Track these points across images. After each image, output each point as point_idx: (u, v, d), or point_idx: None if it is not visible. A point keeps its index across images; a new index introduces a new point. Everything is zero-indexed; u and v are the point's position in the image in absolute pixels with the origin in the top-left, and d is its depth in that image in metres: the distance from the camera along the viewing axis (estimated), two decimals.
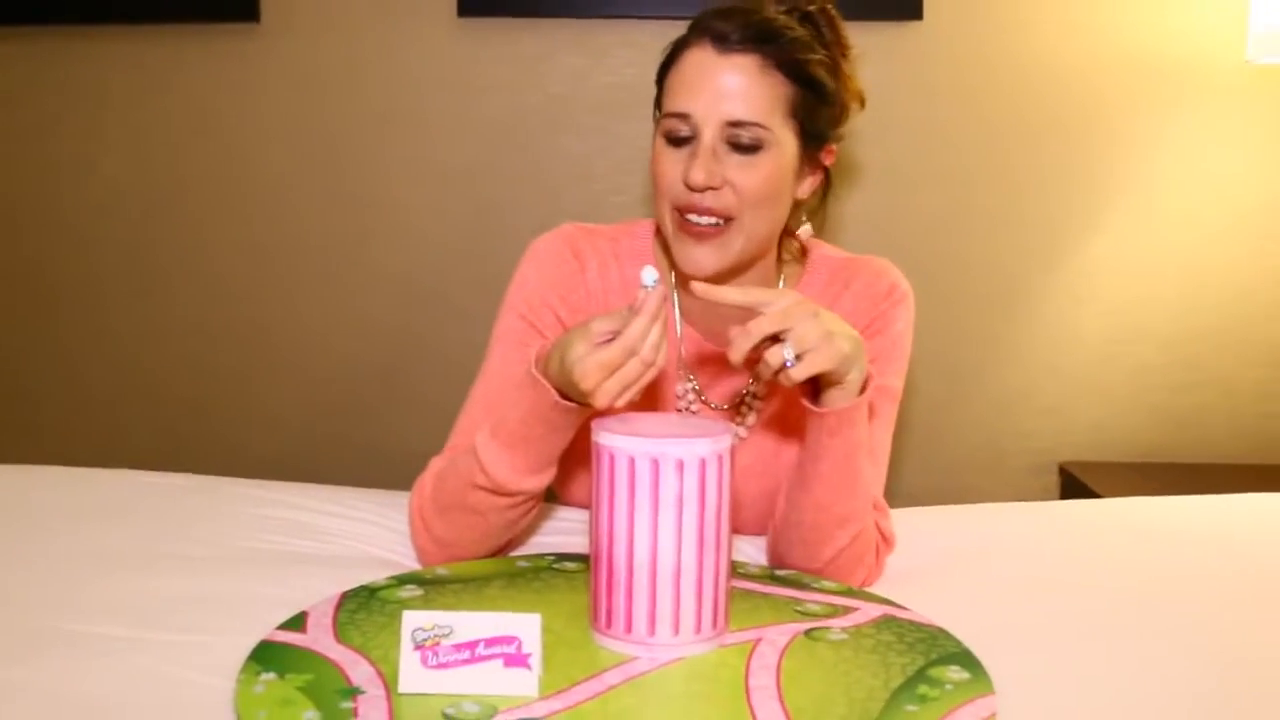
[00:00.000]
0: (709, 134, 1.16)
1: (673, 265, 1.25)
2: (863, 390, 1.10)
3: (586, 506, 1.16)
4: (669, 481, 0.92)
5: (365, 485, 1.52)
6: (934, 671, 0.92)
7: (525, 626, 0.87)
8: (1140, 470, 1.99)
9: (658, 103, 1.23)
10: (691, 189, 1.16)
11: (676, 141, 1.18)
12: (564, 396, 1.06)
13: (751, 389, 1.30)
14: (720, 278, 1.22)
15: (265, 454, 2.11)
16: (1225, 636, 1.05)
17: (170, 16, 2.01)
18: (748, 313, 1.21)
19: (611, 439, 0.94)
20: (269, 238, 2.09)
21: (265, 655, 0.90)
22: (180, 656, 0.94)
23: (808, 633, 0.99)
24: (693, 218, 1.18)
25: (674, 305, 1.31)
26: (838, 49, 1.24)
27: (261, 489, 1.40)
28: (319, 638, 0.94)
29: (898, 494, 1.47)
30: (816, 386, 1.11)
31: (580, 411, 1.08)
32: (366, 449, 2.09)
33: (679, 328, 1.31)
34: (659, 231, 1.29)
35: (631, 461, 0.92)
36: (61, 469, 1.45)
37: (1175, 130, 1.99)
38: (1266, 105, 1.97)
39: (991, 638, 1.00)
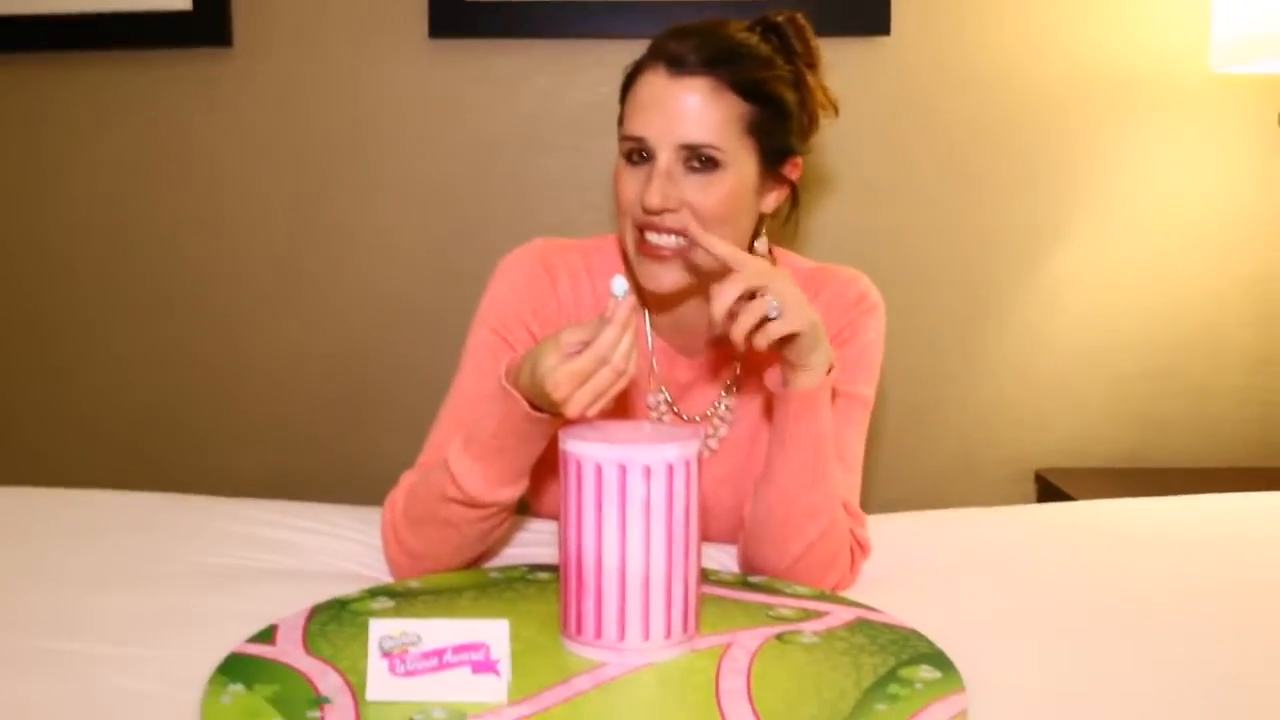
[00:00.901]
0: (664, 157, 1.16)
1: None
2: (827, 375, 1.12)
3: (559, 518, 1.16)
4: (636, 487, 0.92)
5: (348, 502, 1.51)
6: (905, 671, 0.92)
7: (493, 632, 0.87)
8: (1117, 476, 2.00)
9: (620, 120, 1.24)
10: (647, 211, 1.17)
11: (636, 161, 1.19)
12: (535, 408, 1.07)
13: (724, 401, 1.31)
14: (681, 295, 1.23)
15: (246, 473, 2.10)
16: (1197, 637, 1.06)
17: (142, 42, 2.01)
18: (707, 333, 1.22)
19: (578, 445, 0.94)
20: (246, 259, 2.08)
21: (233, 667, 0.90)
22: (147, 670, 0.94)
23: (779, 636, 0.99)
24: (651, 237, 1.19)
25: (645, 318, 1.32)
26: (804, 60, 1.26)
27: (234, 506, 1.39)
28: (288, 649, 0.94)
29: (874, 504, 1.46)
30: (781, 372, 1.13)
31: (551, 422, 1.08)
32: (346, 466, 2.09)
33: (650, 340, 1.31)
34: None
35: (598, 468, 0.93)
36: (31, 489, 1.44)
37: (1141, 140, 2.01)
38: (1231, 114, 1.99)
39: (965, 639, 1.00)
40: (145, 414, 2.13)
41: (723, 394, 1.31)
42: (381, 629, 0.86)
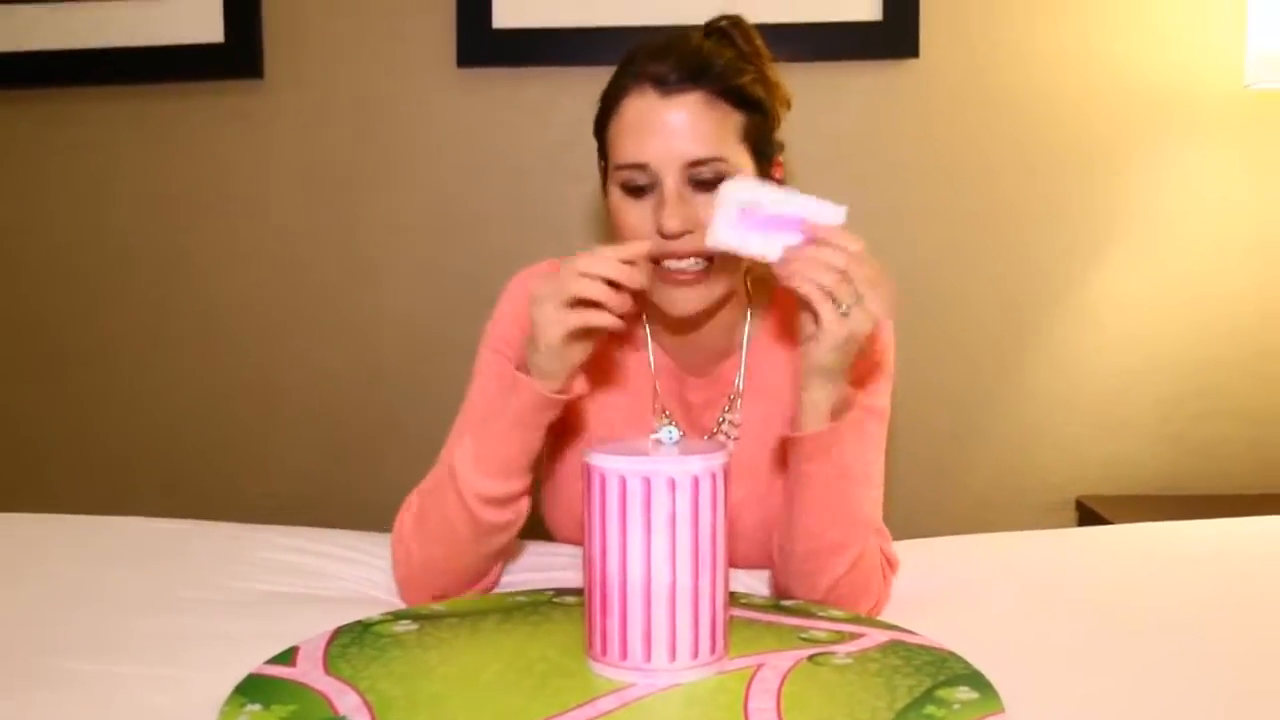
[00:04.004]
0: (671, 179, 1.13)
1: (645, 303, 1.25)
2: (841, 416, 1.08)
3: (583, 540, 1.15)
4: (661, 501, 0.90)
5: (376, 528, 1.50)
6: (941, 692, 0.89)
7: (832, 216, 1.04)
8: (1159, 503, 1.95)
9: (602, 154, 1.21)
10: (668, 237, 1.14)
11: (635, 191, 1.16)
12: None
13: (727, 415, 1.28)
14: (700, 317, 1.22)
15: (275, 498, 2.10)
16: (1238, 660, 1.02)
17: (176, 75, 2.04)
18: (717, 352, 1.22)
19: (602, 459, 0.92)
20: (276, 290, 2.10)
21: (251, 687, 0.88)
22: (168, 690, 0.93)
23: (811, 658, 0.96)
24: (672, 264, 1.16)
25: (648, 341, 1.30)
26: (759, 59, 1.23)
27: (260, 532, 1.39)
28: (308, 670, 0.92)
29: (913, 530, 1.44)
30: (792, 411, 1.11)
31: (553, 404, 1.10)
32: (374, 494, 2.07)
33: (651, 362, 1.30)
34: None
35: (623, 481, 0.91)
36: (62, 516, 1.45)
37: (1176, 158, 1.98)
38: (1267, 130, 1.96)
39: (1003, 661, 0.97)
40: (176, 440, 2.14)
41: (725, 409, 1.29)
42: (736, 187, 1.06)
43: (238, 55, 2.02)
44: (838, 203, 1.04)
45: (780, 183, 1.24)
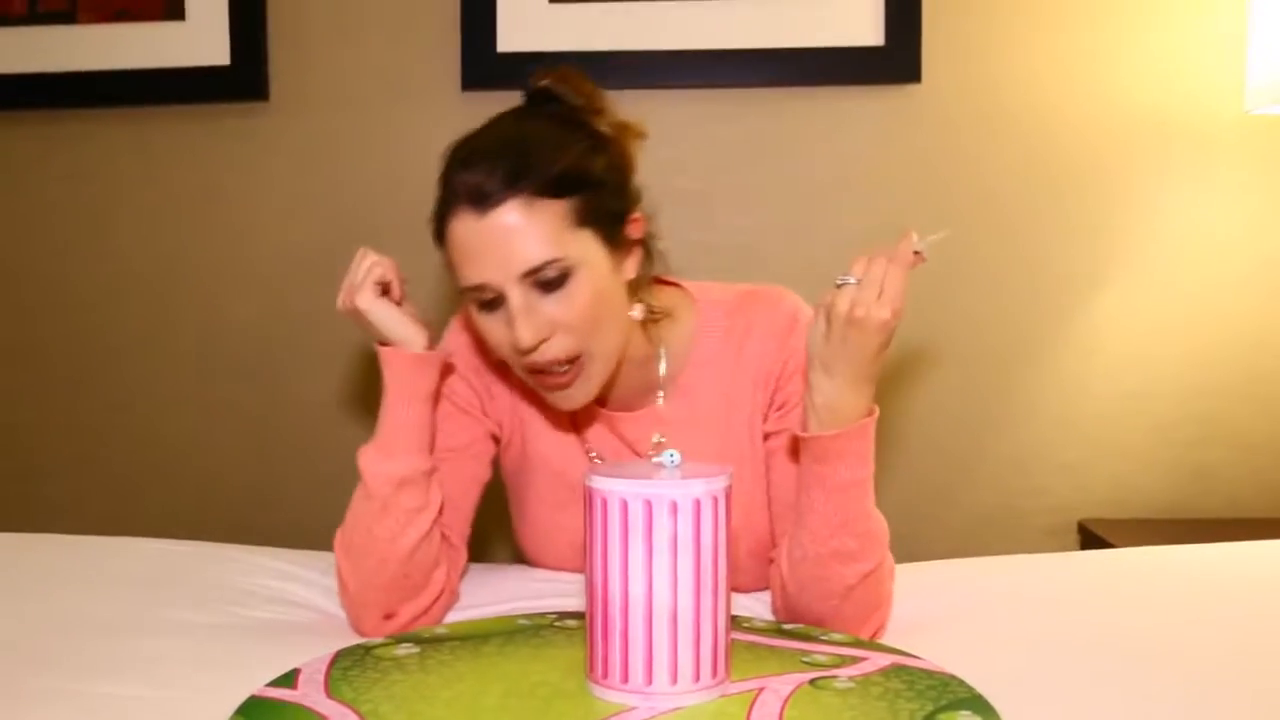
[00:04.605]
0: (514, 294, 1.11)
1: None
2: (855, 424, 1.09)
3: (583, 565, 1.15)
4: (663, 524, 0.90)
5: None
6: (944, 716, 0.89)
7: None
8: (1162, 526, 1.95)
9: (450, 269, 1.18)
10: (524, 352, 1.13)
11: (487, 305, 1.14)
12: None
13: (656, 435, 1.28)
14: (617, 381, 1.23)
15: (275, 527, 2.09)
16: (1240, 685, 1.02)
17: (181, 97, 2.05)
18: (640, 389, 1.26)
19: (604, 482, 0.92)
20: (279, 312, 2.10)
21: (252, 710, 0.88)
22: (167, 713, 0.93)
23: (813, 682, 0.96)
24: (544, 368, 1.15)
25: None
26: (589, 111, 1.19)
27: (260, 555, 1.39)
28: (309, 693, 0.92)
29: (915, 553, 1.43)
30: (802, 412, 1.12)
31: (421, 361, 1.18)
32: None
33: (573, 419, 1.30)
34: None
35: (624, 504, 0.91)
36: (66, 537, 1.45)
37: (1178, 182, 1.98)
38: (1267, 155, 1.97)
39: (1005, 684, 0.96)
40: (176, 462, 2.14)
41: (651, 447, 1.28)
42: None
43: (243, 78, 2.04)
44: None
45: (639, 242, 1.20)
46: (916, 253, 1.11)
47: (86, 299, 2.13)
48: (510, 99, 2.05)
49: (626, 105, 2.00)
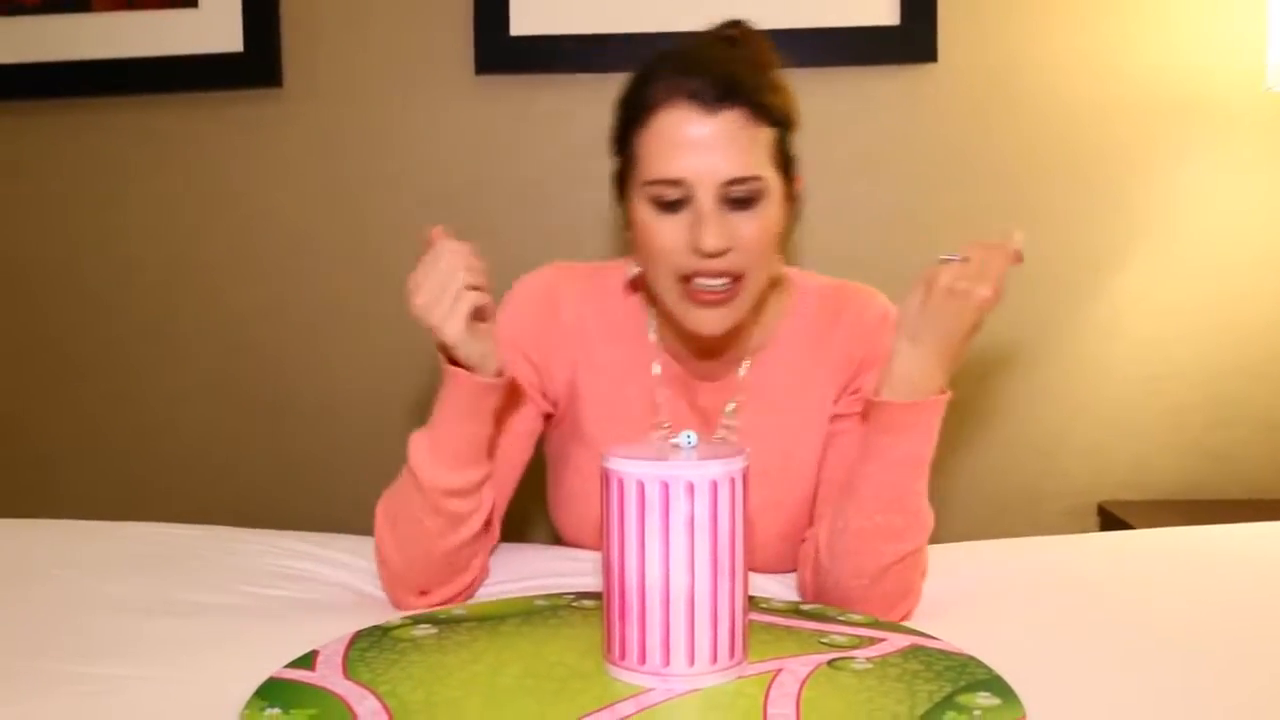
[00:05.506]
0: (707, 197, 1.13)
1: (660, 312, 1.25)
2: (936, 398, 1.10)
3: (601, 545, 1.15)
4: (679, 505, 0.90)
5: None
6: (962, 698, 0.88)
7: None
8: (1182, 508, 1.93)
9: (624, 165, 1.19)
10: (706, 255, 1.13)
11: (666, 206, 1.15)
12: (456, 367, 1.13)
13: (725, 420, 1.28)
14: (728, 335, 1.22)
15: (289, 510, 2.10)
16: (1260, 666, 1.01)
17: (193, 85, 2.05)
18: (728, 357, 1.24)
19: (620, 463, 0.92)
20: (291, 300, 2.10)
21: (270, 691, 0.88)
22: (186, 695, 0.93)
23: (831, 663, 0.95)
24: (703, 283, 1.16)
25: (656, 350, 1.30)
26: (773, 69, 1.22)
27: (274, 537, 1.39)
28: (327, 674, 0.92)
29: (934, 535, 1.42)
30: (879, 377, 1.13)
31: (488, 389, 1.13)
32: None
33: (657, 367, 1.30)
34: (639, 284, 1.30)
35: (640, 485, 0.90)
36: (72, 522, 1.45)
37: (1197, 162, 1.96)
38: None
39: (1024, 666, 0.96)
40: (187, 449, 2.14)
41: (723, 416, 1.28)
42: None
43: (257, 64, 2.03)
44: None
45: (797, 197, 1.24)
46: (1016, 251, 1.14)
47: (98, 287, 2.13)
48: (523, 83, 2.06)
49: None
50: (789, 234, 1.26)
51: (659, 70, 1.16)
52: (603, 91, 2.07)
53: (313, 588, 1.24)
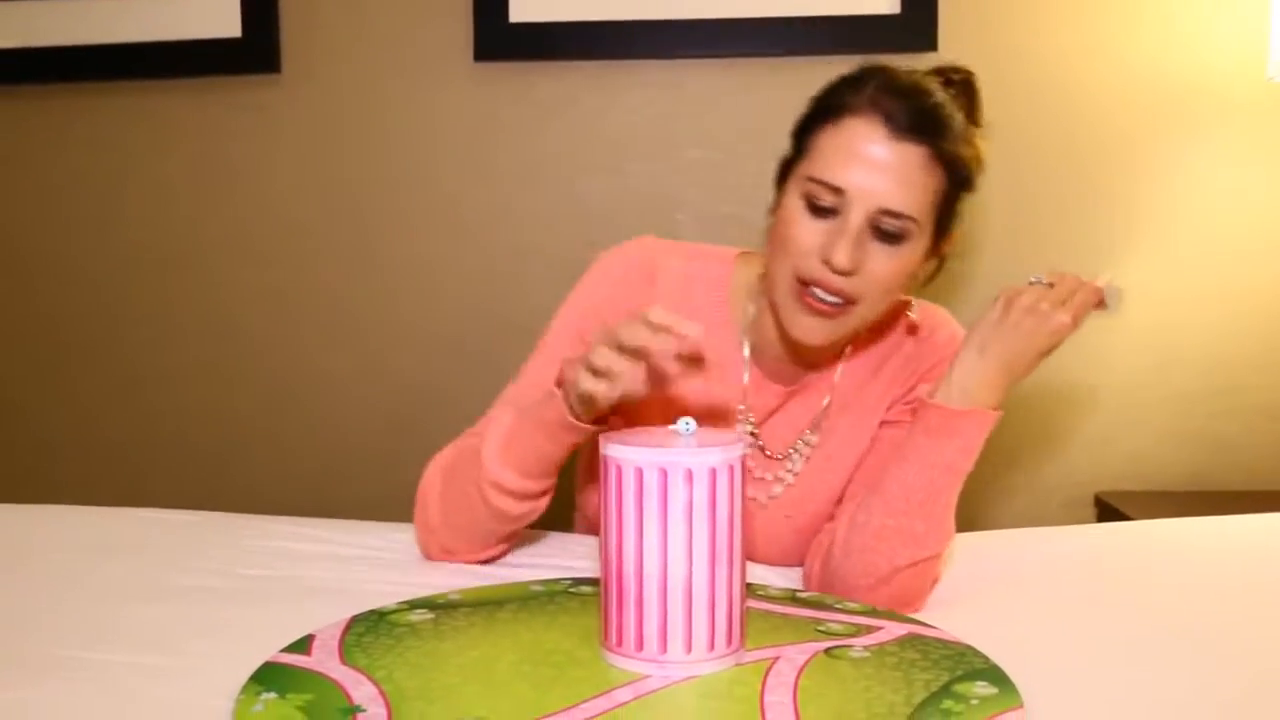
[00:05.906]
0: (858, 217, 1.12)
1: (765, 305, 1.25)
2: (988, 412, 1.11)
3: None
4: (678, 492, 0.90)
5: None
6: (959, 687, 0.88)
7: None
8: (1179, 498, 1.93)
9: (796, 155, 1.18)
10: (832, 269, 1.13)
11: (816, 208, 1.14)
12: (575, 416, 1.10)
13: (807, 436, 1.29)
14: (827, 349, 1.23)
15: (286, 499, 2.09)
16: (1259, 657, 1.01)
17: (191, 70, 2.04)
18: (804, 360, 1.24)
19: (619, 450, 0.91)
20: (289, 287, 2.10)
21: (267, 676, 0.88)
22: (181, 680, 0.92)
23: (828, 651, 0.95)
24: (817, 292, 1.15)
25: (744, 349, 1.29)
26: (975, 121, 1.21)
27: (270, 523, 1.39)
28: (323, 659, 0.92)
29: None
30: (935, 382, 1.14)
31: (578, 429, 1.12)
32: (382, 490, 2.08)
33: (746, 373, 1.29)
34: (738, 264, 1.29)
35: (639, 472, 0.90)
36: (71, 508, 1.45)
37: (1200, 152, 1.96)
38: None
39: (1022, 656, 0.96)
40: (185, 436, 2.14)
41: (808, 430, 1.29)
42: None
43: (255, 50, 2.02)
44: None
45: (944, 258, 1.24)
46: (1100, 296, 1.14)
47: (96, 272, 2.13)
48: (523, 69, 2.05)
49: (641, 76, 2.00)
50: (919, 284, 1.26)
51: (867, 78, 1.15)
52: (602, 78, 2.09)
53: (309, 573, 1.24)
